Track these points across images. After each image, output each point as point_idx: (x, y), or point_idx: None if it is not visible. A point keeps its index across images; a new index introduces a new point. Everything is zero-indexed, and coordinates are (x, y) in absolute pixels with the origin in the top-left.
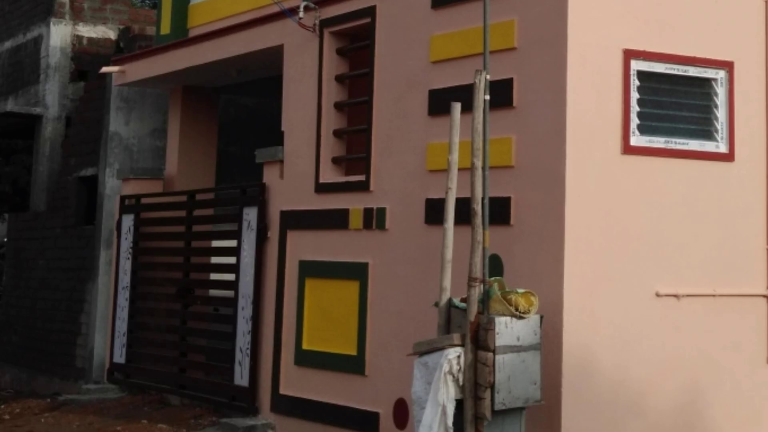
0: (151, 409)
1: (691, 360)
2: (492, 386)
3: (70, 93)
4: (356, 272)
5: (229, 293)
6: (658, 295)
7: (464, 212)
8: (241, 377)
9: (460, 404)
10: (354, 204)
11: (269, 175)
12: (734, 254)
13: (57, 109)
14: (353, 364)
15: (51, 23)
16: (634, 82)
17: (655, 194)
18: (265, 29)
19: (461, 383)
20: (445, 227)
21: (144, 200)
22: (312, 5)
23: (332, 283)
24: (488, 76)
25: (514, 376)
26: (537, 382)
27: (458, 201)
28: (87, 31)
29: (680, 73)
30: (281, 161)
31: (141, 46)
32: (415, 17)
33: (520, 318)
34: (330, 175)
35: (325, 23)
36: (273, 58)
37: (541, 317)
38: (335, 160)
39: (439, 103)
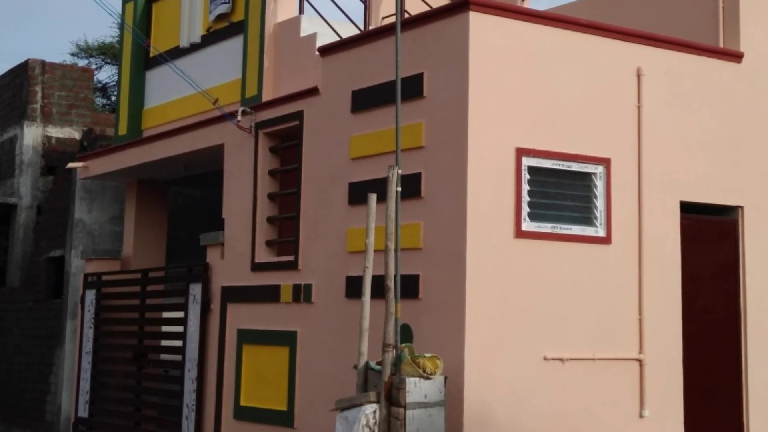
0: None
1: (575, 415)
2: None
3: (41, 185)
4: (286, 339)
5: (178, 357)
6: (545, 359)
7: (379, 288)
8: (188, 429)
9: None
10: (285, 281)
11: (212, 256)
12: (611, 324)
13: (29, 199)
14: (284, 418)
15: (24, 125)
16: (525, 175)
17: (544, 272)
18: (208, 131)
19: None
20: (362, 300)
21: (104, 277)
22: (248, 110)
23: (266, 348)
24: (400, 171)
25: (422, 429)
26: None
27: (374, 278)
28: (55, 132)
29: (565, 168)
30: (222, 244)
31: (102, 145)
32: (337, 120)
33: (428, 378)
34: (264, 255)
35: (259, 125)
36: (215, 155)
37: (446, 378)
38: (268, 243)
39: (358, 194)
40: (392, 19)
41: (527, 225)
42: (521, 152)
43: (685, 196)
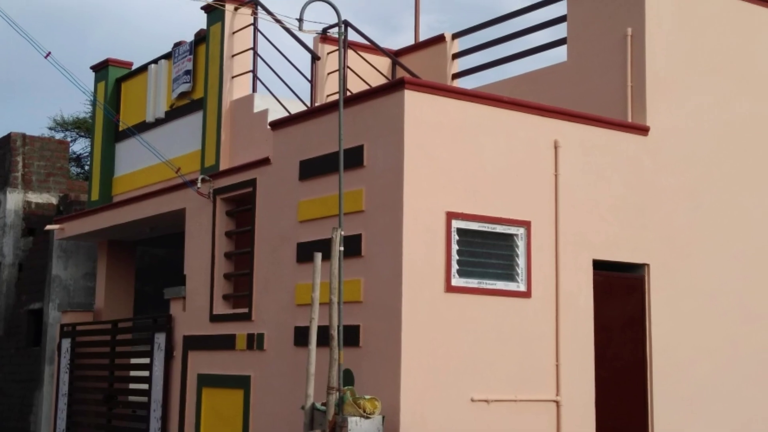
0: None
1: None
2: None
3: (22, 245)
4: (241, 383)
5: (144, 399)
6: (473, 400)
7: (324, 337)
8: None
9: None
10: (239, 330)
11: (175, 309)
12: (531, 369)
13: (12, 258)
14: None
15: (7, 192)
16: (455, 236)
17: (471, 323)
18: (171, 196)
19: None
20: (309, 348)
21: (78, 327)
22: (207, 178)
23: (223, 391)
24: (342, 232)
25: None
26: None
27: (319, 328)
28: (35, 197)
29: (490, 229)
30: (184, 297)
31: (76, 209)
32: (287, 187)
33: (367, 418)
34: (221, 308)
35: (217, 191)
36: (178, 218)
37: (383, 417)
38: (225, 297)
39: (305, 253)
40: (336, 97)
41: (456, 281)
42: (451, 215)
43: (597, 254)
